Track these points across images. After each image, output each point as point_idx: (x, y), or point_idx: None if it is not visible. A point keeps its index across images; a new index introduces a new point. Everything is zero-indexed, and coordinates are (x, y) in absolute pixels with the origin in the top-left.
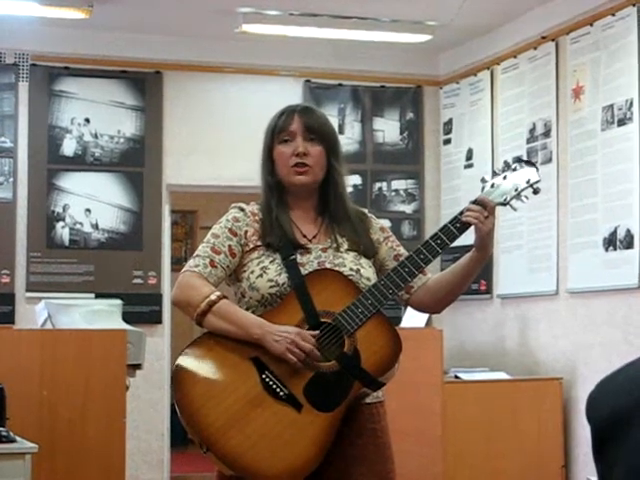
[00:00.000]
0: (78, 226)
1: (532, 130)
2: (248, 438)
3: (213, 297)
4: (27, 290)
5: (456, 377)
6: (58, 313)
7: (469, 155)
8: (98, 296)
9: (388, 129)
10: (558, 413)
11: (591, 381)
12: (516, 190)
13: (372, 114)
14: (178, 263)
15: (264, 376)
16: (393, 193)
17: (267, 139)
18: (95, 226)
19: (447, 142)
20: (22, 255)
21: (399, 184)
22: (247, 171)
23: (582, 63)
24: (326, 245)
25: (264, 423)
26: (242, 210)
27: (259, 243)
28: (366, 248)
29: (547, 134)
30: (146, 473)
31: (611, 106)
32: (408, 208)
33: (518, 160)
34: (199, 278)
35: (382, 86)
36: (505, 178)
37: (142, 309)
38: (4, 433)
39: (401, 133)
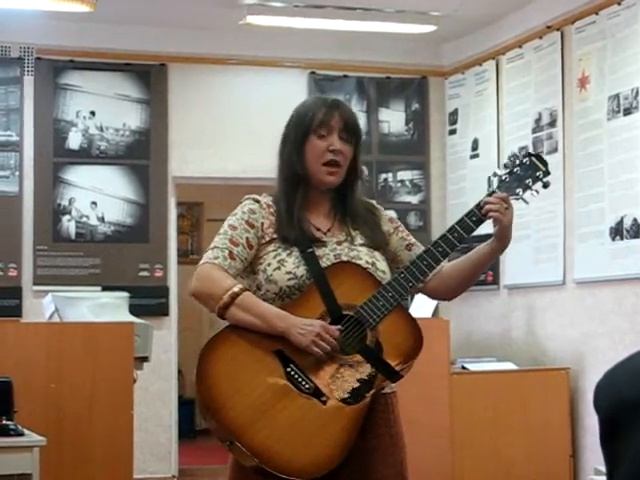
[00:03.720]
0: (84, 219)
1: (538, 120)
2: (275, 431)
3: (236, 289)
4: (34, 283)
5: (463, 367)
6: (65, 306)
7: (475, 145)
8: (105, 289)
9: (393, 120)
10: (565, 403)
11: (598, 371)
12: (526, 184)
13: (377, 105)
14: (184, 255)
15: (289, 369)
16: (399, 184)
17: (302, 129)
18: (101, 219)
19: (452, 132)
20: (29, 248)
21: (405, 175)
22: (252, 163)
23: (588, 52)
24: (341, 238)
25: (290, 416)
26: (257, 202)
27: (275, 235)
28: (379, 243)
29: (553, 124)
30: (154, 465)
31: (617, 95)
32: (414, 199)
33: (528, 154)
34: (219, 270)
35: (387, 77)
36: (516, 172)
37: (149, 302)
38: (12, 426)
39: (406, 124)
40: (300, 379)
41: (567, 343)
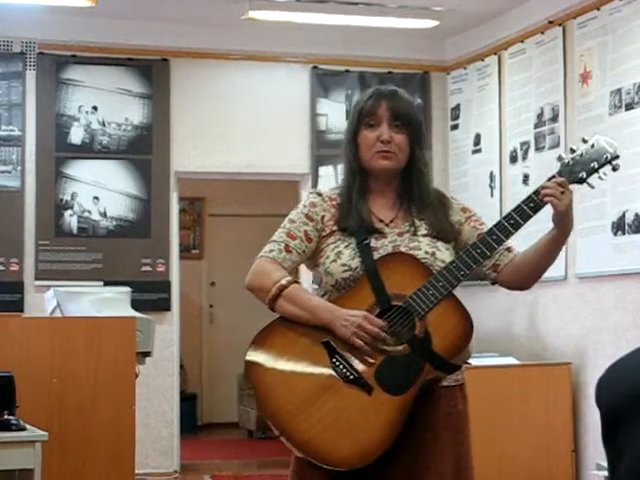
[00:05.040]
0: (86, 214)
1: (540, 115)
2: (318, 422)
3: (284, 282)
4: (36, 278)
5: (465, 362)
6: (67, 301)
7: (477, 140)
8: (107, 284)
9: None
10: (567, 398)
11: (600, 366)
12: (593, 167)
13: None
14: (186, 250)
15: (334, 360)
16: None
17: (353, 121)
18: (103, 214)
19: (455, 127)
20: (31, 243)
21: None
22: (254, 158)
23: (589, 47)
24: (403, 229)
25: (335, 407)
26: (319, 195)
27: (335, 228)
28: (446, 233)
29: (555, 119)
30: (156, 460)
31: (619, 90)
32: None
33: (596, 137)
34: (272, 263)
35: (389, 72)
36: (582, 155)
37: (151, 296)
38: (14, 421)
39: None
40: (345, 370)
41: (569, 338)
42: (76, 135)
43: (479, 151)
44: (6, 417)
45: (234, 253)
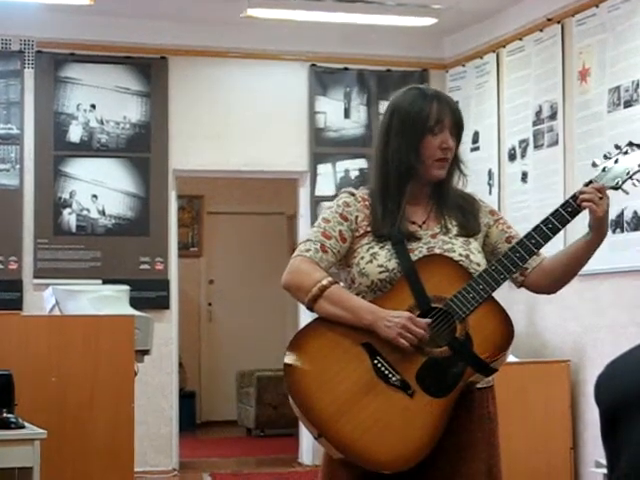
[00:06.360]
0: (85, 212)
1: (538, 112)
2: (361, 424)
3: (325, 282)
4: (35, 277)
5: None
6: (66, 299)
7: (475, 138)
8: (105, 282)
9: None
10: (566, 395)
11: (599, 364)
12: (628, 173)
13: (378, 98)
14: (185, 248)
15: (376, 362)
16: None
17: (417, 127)
18: (102, 212)
19: None
20: (29, 242)
21: None
22: (253, 156)
23: (588, 45)
24: (435, 231)
25: (377, 409)
26: (353, 195)
27: (369, 229)
28: (471, 228)
29: (553, 116)
30: (154, 458)
31: (617, 88)
32: None
33: (630, 143)
34: (310, 263)
35: (388, 70)
36: (617, 161)
37: (149, 295)
38: (13, 419)
39: None
40: (387, 372)
41: (567, 336)
42: (74, 133)
43: (477, 149)
44: (5, 415)
45: (233, 251)
